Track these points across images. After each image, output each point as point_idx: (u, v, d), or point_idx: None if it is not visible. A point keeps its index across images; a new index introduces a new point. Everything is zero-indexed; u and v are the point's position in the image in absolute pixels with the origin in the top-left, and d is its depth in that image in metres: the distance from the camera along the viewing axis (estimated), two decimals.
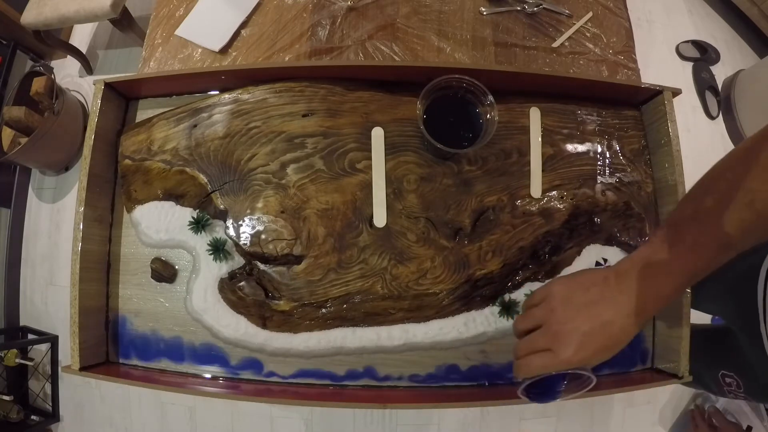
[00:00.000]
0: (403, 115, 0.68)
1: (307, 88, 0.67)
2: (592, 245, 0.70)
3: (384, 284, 0.63)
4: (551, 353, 0.40)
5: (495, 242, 0.65)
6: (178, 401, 1.48)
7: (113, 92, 0.71)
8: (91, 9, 1.39)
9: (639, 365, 0.71)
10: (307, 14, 0.88)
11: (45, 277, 1.67)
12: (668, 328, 0.68)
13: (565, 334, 0.39)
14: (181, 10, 0.91)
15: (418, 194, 0.66)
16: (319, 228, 0.64)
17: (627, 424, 1.42)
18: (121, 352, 0.69)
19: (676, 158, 0.68)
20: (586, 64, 0.86)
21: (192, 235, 0.67)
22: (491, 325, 0.67)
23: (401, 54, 0.85)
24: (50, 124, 1.50)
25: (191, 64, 0.86)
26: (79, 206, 0.65)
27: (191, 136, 0.68)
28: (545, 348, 0.40)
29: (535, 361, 0.40)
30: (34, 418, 1.57)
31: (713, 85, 1.64)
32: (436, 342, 0.66)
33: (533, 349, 0.41)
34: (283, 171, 0.65)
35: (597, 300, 0.40)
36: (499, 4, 0.89)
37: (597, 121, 0.72)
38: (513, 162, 0.68)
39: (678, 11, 1.75)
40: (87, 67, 1.80)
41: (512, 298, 0.67)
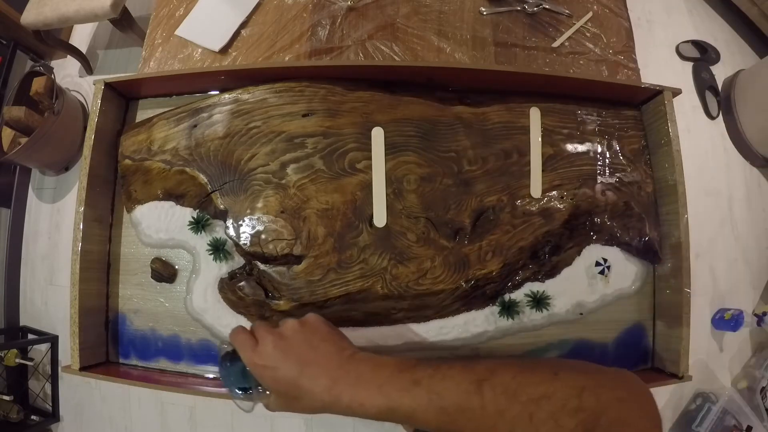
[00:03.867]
0: (403, 115, 0.68)
1: (307, 88, 0.67)
2: (592, 245, 0.70)
3: (384, 284, 0.63)
4: (254, 344, 0.41)
5: (495, 242, 0.65)
6: (178, 401, 1.48)
7: (113, 92, 0.71)
8: (91, 9, 1.39)
9: (639, 365, 0.71)
10: (307, 14, 0.88)
11: (45, 277, 1.67)
12: (668, 328, 0.68)
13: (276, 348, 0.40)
14: (181, 10, 0.91)
15: (418, 194, 0.66)
16: (319, 228, 0.64)
17: None
18: (121, 352, 0.69)
19: (676, 158, 0.68)
20: (586, 64, 0.86)
21: (192, 235, 0.67)
22: (491, 324, 0.67)
23: (401, 54, 0.85)
24: (50, 124, 1.50)
25: (191, 64, 0.86)
26: (79, 206, 0.65)
27: (191, 136, 0.68)
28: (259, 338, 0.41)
29: (243, 335, 0.42)
30: (34, 418, 1.57)
31: (713, 85, 1.64)
32: (437, 342, 0.66)
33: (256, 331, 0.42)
34: (283, 171, 0.65)
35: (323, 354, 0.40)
36: (499, 4, 0.89)
37: (597, 121, 0.72)
38: (513, 162, 0.68)
39: (678, 11, 1.75)
40: (87, 67, 1.80)
41: (512, 298, 0.67)
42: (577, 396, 0.32)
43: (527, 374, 0.35)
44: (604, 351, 0.70)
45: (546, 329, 0.68)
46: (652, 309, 0.71)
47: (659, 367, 0.69)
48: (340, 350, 0.41)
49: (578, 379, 0.34)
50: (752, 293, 1.55)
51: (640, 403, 0.34)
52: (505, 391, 0.33)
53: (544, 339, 0.69)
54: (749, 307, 1.52)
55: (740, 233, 1.56)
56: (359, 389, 0.37)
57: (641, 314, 0.71)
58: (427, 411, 0.35)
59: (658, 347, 0.70)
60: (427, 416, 0.35)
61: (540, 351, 0.68)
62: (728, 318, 1.42)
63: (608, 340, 0.70)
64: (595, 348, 0.70)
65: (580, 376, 0.35)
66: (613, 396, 0.33)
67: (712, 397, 1.42)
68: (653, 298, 0.71)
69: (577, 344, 0.69)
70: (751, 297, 1.54)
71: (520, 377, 0.34)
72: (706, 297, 1.49)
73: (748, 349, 1.52)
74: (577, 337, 0.69)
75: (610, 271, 0.70)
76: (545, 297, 0.67)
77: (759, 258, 1.57)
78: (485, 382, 0.34)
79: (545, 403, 0.32)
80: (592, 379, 0.34)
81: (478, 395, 0.34)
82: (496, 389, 0.34)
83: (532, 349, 0.68)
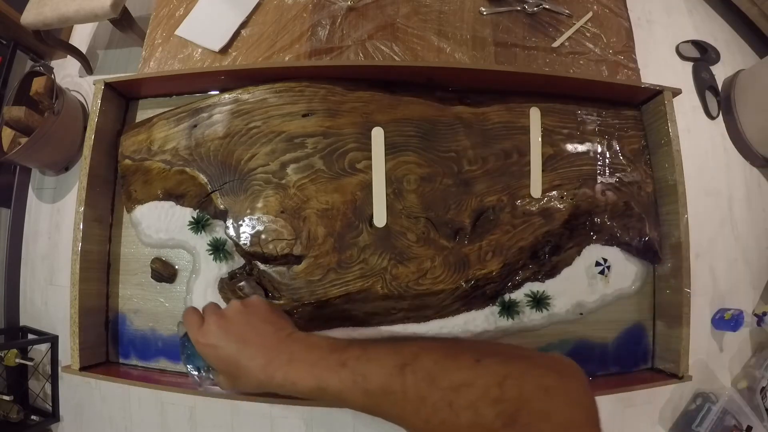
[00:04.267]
0: (403, 115, 0.68)
1: (307, 88, 0.67)
2: (592, 245, 0.70)
3: (384, 284, 0.63)
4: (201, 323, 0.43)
5: (495, 242, 0.65)
6: (178, 401, 1.48)
7: (113, 92, 0.71)
8: (91, 9, 1.39)
9: (639, 365, 0.71)
10: (307, 14, 0.88)
11: (45, 277, 1.67)
12: (668, 328, 0.68)
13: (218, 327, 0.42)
14: (181, 10, 0.91)
15: (418, 194, 0.66)
16: (319, 228, 0.64)
17: (627, 424, 1.42)
18: (121, 352, 0.69)
19: (676, 158, 0.68)
20: (586, 64, 0.86)
21: (192, 235, 0.67)
22: (491, 324, 0.67)
23: (401, 54, 0.85)
24: (50, 124, 1.50)
25: (191, 64, 0.86)
26: (79, 206, 0.65)
27: (191, 136, 0.68)
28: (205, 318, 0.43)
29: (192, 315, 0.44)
30: (34, 418, 1.57)
31: (713, 85, 1.64)
32: None
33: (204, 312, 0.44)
34: (283, 171, 0.65)
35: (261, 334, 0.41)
36: (499, 4, 0.89)
37: (597, 121, 0.72)
38: (513, 162, 0.68)
39: (678, 11, 1.75)
40: (87, 67, 1.79)
41: (512, 298, 0.67)
42: (498, 385, 0.31)
43: (449, 360, 0.34)
44: (604, 351, 0.70)
45: (546, 329, 0.68)
46: (652, 309, 0.71)
47: (659, 367, 0.69)
48: (277, 330, 0.42)
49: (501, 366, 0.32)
50: (752, 293, 1.55)
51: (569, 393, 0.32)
52: (427, 376, 0.33)
53: (544, 339, 0.69)
54: (749, 307, 1.52)
55: (740, 233, 1.56)
56: (292, 369, 0.38)
57: (641, 314, 0.71)
58: (353, 393, 0.35)
59: (658, 347, 0.70)
60: (353, 398, 0.35)
61: (540, 351, 0.68)
62: (728, 318, 1.42)
63: (608, 340, 0.70)
64: (595, 348, 0.70)
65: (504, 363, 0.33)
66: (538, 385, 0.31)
67: (712, 397, 1.42)
68: (653, 298, 0.71)
69: (577, 344, 0.69)
70: (751, 297, 1.54)
71: (442, 362, 0.33)
72: (706, 297, 1.49)
73: (748, 349, 1.52)
74: (577, 337, 0.69)
75: (610, 271, 0.70)
76: (545, 297, 0.67)
77: (759, 258, 1.57)
78: (408, 366, 0.34)
79: (465, 391, 0.31)
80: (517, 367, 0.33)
81: (401, 379, 0.33)
82: (418, 374, 0.33)
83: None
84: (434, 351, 0.35)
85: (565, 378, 0.33)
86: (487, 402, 0.30)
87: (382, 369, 0.34)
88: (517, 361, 0.33)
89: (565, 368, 0.34)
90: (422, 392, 0.32)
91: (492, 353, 0.34)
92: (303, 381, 0.37)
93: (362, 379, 0.35)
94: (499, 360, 0.33)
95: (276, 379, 0.38)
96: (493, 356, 0.33)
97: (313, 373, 0.37)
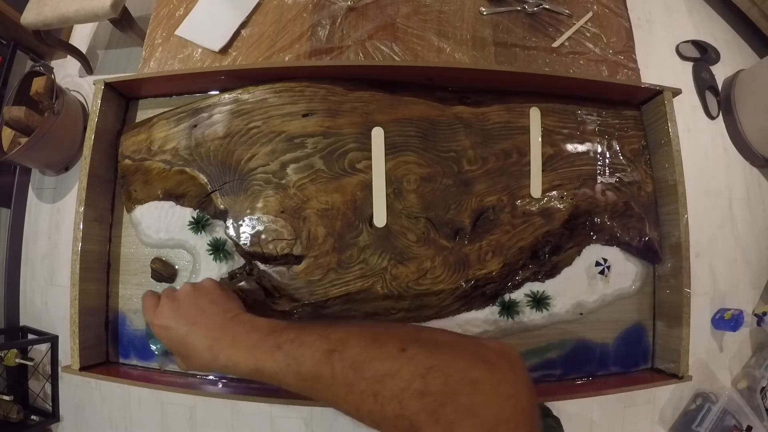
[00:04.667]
0: (403, 115, 0.68)
1: (307, 88, 0.67)
2: (592, 245, 0.70)
3: (384, 284, 0.63)
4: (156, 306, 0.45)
5: (495, 242, 0.65)
6: (178, 401, 1.48)
7: (113, 92, 0.71)
8: (91, 9, 1.39)
9: (639, 365, 0.71)
10: (307, 14, 0.88)
11: (45, 277, 1.67)
12: (668, 328, 0.68)
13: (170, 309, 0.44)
14: (181, 10, 0.91)
15: (418, 194, 0.66)
16: (319, 228, 0.64)
17: (627, 423, 1.42)
18: (121, 352, 0.69)
19: (676, 158, 0.68)
20: (586, 64, 0.86)
21: (192, 235, 0.67)
22: (491, 324, 0.67)
23: (401, 54, 0.85)
24: (50, 124, 1.50)
25: (191, 64, 0.86)
26: (79, 206, 0.65)
27: (191, 136, 0.68)
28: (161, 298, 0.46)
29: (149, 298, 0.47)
30: (34, 418, 1.57)
31: (713, 85, 1.64)
32: None
33: (162, 294, 0.47)
34: (283, 171, 0.65)
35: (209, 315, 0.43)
36: (499, 4, 0.89)
37: (597, 121, 0.72)
38: (513, 162, 0.68)
39: (678, 11, 1.75)
40: (87, 67, 1.80)
41: (512, 298, 0.67)
42: (421, 376, 0.29)
43: (375, 347, 0.33)
44: (604, 351, 0.70)
45: (546, 329, 0.68)
46: (652, 309, 0.71)
47: (659, 367, 0.69)
48: (224, 312, 0.43)
49: (426, 356, 0.31)
50: (752, 293, 1.55)
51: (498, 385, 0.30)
52: (353, 364, 0.32)
53: (544, 339, 0.69)
54: (749, 307, 1.52)
55: (740, 233, 1.56)
56: (234, 349, 0.39)
57: (641, 314, 0.71)
58: (287, 375, 0.35)
59: (658, 347, 0.70)
60: (288, 380, 0.35)
61: (540, 351, 0.68)
62: (728, 318, 1.42)
63: (608, 340, 0.70)
64: (595, 348, 0.70)
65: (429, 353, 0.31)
66: (464, 378, 0.29)
67: (712, 397, 1.42)
68: (653, 298, 0.71)
69: (577, 344, 0.69)
70: (751, 297, 1.55)
71: (369, 350, 0.33)
72: (706, 297, 1.49)
73: (748, 349, 1.52)
74: (577, 337, 0.69)
75: (610, 271, 0.70)
76: (545, 297, 0.67)
77: (759, 258, 1.57)
78: (335, 352, 0.34)
79: (389, 381, 0.30)
80: (443, 357, 0.31)
81: (329, 365, 0.33)
82: (345, 361, 0.33)
83: (533, 349, 0.68)
84: (362, 337, 0.34)
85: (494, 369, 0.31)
86: (411, 394, 0.29)
87: (312, 354, 0.34)
88: (443, 351, 0.32)
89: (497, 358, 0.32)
90: (349, 380, 0.32)
91: (419, 341, 0.33)
92: (243, 362, 0.38)
93: (295, 363, 0.35)
94: (425, 349, 0.32)
95: (220, 360, 0.39)
96: (420, 345, 0.32)
97: (252, 354, 0.37)
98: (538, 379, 0.68)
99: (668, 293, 0.69)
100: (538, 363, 0.68)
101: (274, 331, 0.38)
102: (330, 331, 0.36)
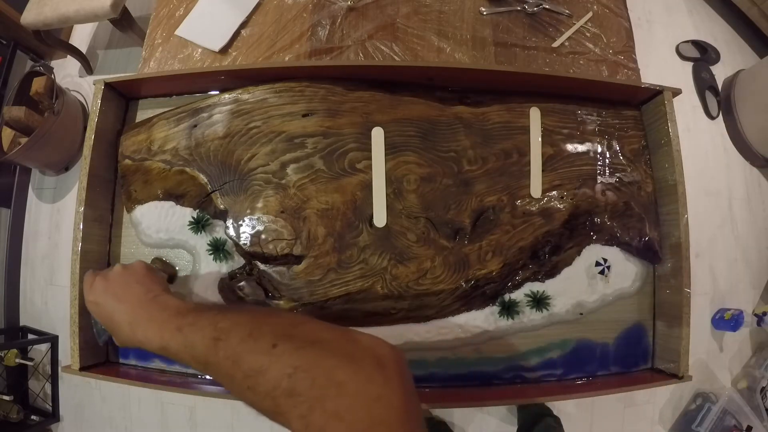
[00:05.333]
0: (403, 115, 0.68)
1: (307, 88, 0.67)
2: (592, 245, 0.70)
3: (384, 284, 0.63)
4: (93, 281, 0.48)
5: (495, 242, 0.65)
6: (178, 401, 1.48)
7: (113, 92, 0.71)
8: (91, 9, 1.39)
9: (639, 365, 0.71)
10: (307, 14, 0.88)
11: (45, 277, 1.67)
12: (668, 328, 0.68)
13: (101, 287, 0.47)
14: (181, 10, 0.90)
15: (418, 194, 0.66)
16: (319, 228, 0.64)
17: (627, 423, 1.42)
18: (121, 352, 0.69)
19: (676, 158, 0.68)
20: (586, 64, 0.86)
21: (192, 235, 0.67)
22: (491, 324, 0.67)
23: (401, 54, 0.85)
24: (50, 124, 1.50)
25: (191, 64, 0.86)
26: (79, 206, 0.65)
27: (191, 136, 0.68)
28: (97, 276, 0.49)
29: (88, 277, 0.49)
30: (34, 418, 1.57)
31: (713, 85, 1.64)
32: (437, 342, 0.66)
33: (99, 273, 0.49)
34: (283, 171, 0.65)
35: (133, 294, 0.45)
36: (499, 4, 0.89)
37: (597, 121, 0.72)
38: (513, 162, 0.68)
39: (678, 11, 1.75)
40: (87, 67, 1.79)
41: (512, 298, 0.67)
42: (288, 376, 0.28)
43: (250, 341, 0.32)
44: (604, 351, 0.70)
45: (546, 329, 0.68)
46: (652, 309, 0.71)
47: (659, 367, 0.69)
48: (146, 292, 0.45)
49: (293, 355, 0.30)
50: (752, 293, 1.55)
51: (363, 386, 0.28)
52: (232, 354, 0.32)
53: (544, 339, 0.69)
54: (749, 307, 1.52)
55: (740, 233, 1.56)
56: (148, 327, 0.41)
57: (641, 314, 0.71)
58: (186, 357, 0.37)
59: (658, 347, 0.70)
60: (188, 361, 0.37)
61: (540, 351, 0.68)
62: (728, 318, 1.42)
63: (608, 340, 0.70)
64: (596, 348, 0.70)
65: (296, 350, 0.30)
66: (330, 380, 0.28)
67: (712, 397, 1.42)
68: (653, 298, 0.71)
69: (578, 344, 0.69)
70: (751, 297, 1.54)
71: (245, 343, 0.32)
72: (706, 297, 1.49)
73: (748, 349, 1.52)
74: (577, 337, 0.69)
75: (610, 271, 0.70)
76: (545, 297, 0.67)
77: (759, 258, 1.57)
78: (220, 341, 0.34)
79: (261, 378, 0.30)
80: (309, 357, 0.30)
81: (214, 353, 0.34)
82: (227, 351, 0.33)
83: (533, 349, 0.68)
84: (242, 328, 0.34)
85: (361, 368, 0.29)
86: (281, 393, 0.29)
87: (202, 340, 0.35)
88: (311, 349, 0.31)
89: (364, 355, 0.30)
90: (229, 370, 0.33)
91: (290, 337, 0.32)
92: (154, 339, 0.39)
93: (190, 346, 0.36)
94: (294, 346, 0.31)
95: (137, 336, 0.41)
96: (289, 341, 0.31)
97: (159, 333, 0.39)
98: (538, 379, 0.68)
99: (668, 293, 0.69)
100: (539, 363, 0.68)
101: (179, 313, 0.40)
102: (219, 319, 0.36)
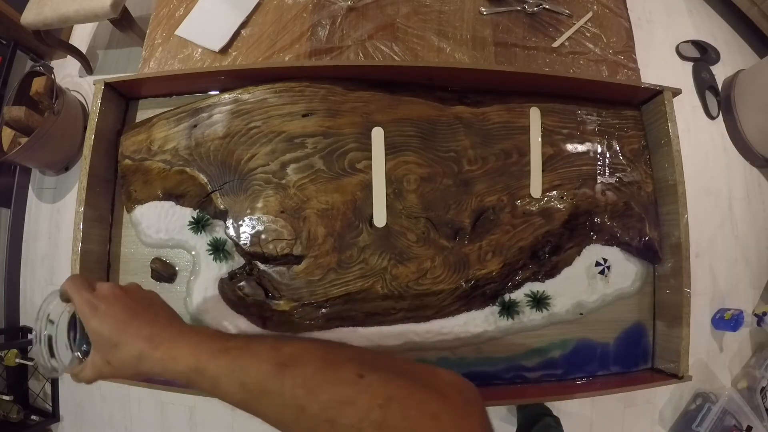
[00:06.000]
0: (403, 115, 0.68)
1: (307, 88, 0.67)
2: (592, 245, 0.70)
3: (384, 284, 0.63)
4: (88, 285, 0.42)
5: (495, 242, 0.65)
6: (178, 401, 1.48)
7: (113, 92, 0.71)
8: (91, 9, 1.39)
9: (639, 365, 0.71)
10: (307, 14, 0.88)
11: (45, 277, 1.67)
12: (668, 328, 0.68)
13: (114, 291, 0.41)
14: (181, 10, 0.90)
15: (418, 194, 0.66)
16: (319, 228, 0.64)
17: (627, 423, 1.42)
18: None
19: (676, 158, 0.68)
20: (586, 64, 0.86)
21: (192, 235, 0.67)
22: (491, 324, 0.67)
23: (401, 54, 0.85)
24: (50, 124, 1.50)
25: (191, 64, 0.86)
26: (79, 206, 0.65)
27: (191, 136, 0.68)
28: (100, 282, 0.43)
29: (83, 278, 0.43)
30: (34, 418, 1.57)
31: (713, 85, 1.64)
32: (437, 342, 0.66)
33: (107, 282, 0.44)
34: (283, 171, 0.65)
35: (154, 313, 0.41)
36: (499, 4, 0.89)
37: (597, 121, 0.72)
38: (513, 162, 0.68)
39: (678, 11, 1.75)
40: (87, 67, 1.80)
41: (512, 298, 0.67)
42: (380, 407, 0.28)
43: (329, 370, 0.31)
44: (604, 351, 0.70)
45: (546, 329, 0.68)
46: (652, 309, 0.71)
47: (659, 367, 0.69)
48: (174, 314, 0.42)
49: (383, 385, 0.30)
50: (752, 293, 1.55)
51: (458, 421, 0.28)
52: (305, 384, 0.30)
53: (544, 339, 0.69)
54: (749, 307, 1.52)
55: (740, 233, 1.56)
56: (177, 343, 0.37)
57: (641, 314, 0.71)
58: (230, 382, 0.33)
59: (658, 347, 0.70)
60: (229, 388, 0.33)
61: (540, 351, 0.68)
62: (728, 318, 1.42)
63: (608, 340, 0.70)
64: (596, 348, 0.70)
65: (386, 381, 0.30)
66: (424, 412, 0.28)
67: (712, 397, 1.42)
68: (653, 298, 0.71)
69: (578, 344, 0.69)
70: (751, 297, 1.54)
71: (323, 373, 0.31)
72: (706, 297, 1.49)
73: (748, 349, 1.52)
74: (577, 337, 0.69)
75: (610, 271, 0.70)
76: (545, 297, 0.67)
77: (759, 258, 1.57)
78: (287, 368, 0.32)
79: (347, 409, 0.29)
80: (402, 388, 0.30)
81: (279, 380, 0.31)
82: (296, 379, 0.31)
83: (533, 349, 0.68)
84: (314, 356, 0.33)
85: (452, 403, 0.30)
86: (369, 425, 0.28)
87: (261, 364, 0.33)
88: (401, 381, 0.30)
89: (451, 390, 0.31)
90: (300, 400, 0.30)
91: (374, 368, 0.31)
92: (183, 357, 0.36)
93: (240, 371, 0.33)
94: (382, 377, 0.30)
95: (158, 351, 0.37)
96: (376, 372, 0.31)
97: (195, 351, 0.35)
98: (538, 379, 0.68)
99: (668, 293, 0.69)
100: (539, 363, 0.68)
101: (221, 336, 0.37)
102: (281, 345, 0.34)
